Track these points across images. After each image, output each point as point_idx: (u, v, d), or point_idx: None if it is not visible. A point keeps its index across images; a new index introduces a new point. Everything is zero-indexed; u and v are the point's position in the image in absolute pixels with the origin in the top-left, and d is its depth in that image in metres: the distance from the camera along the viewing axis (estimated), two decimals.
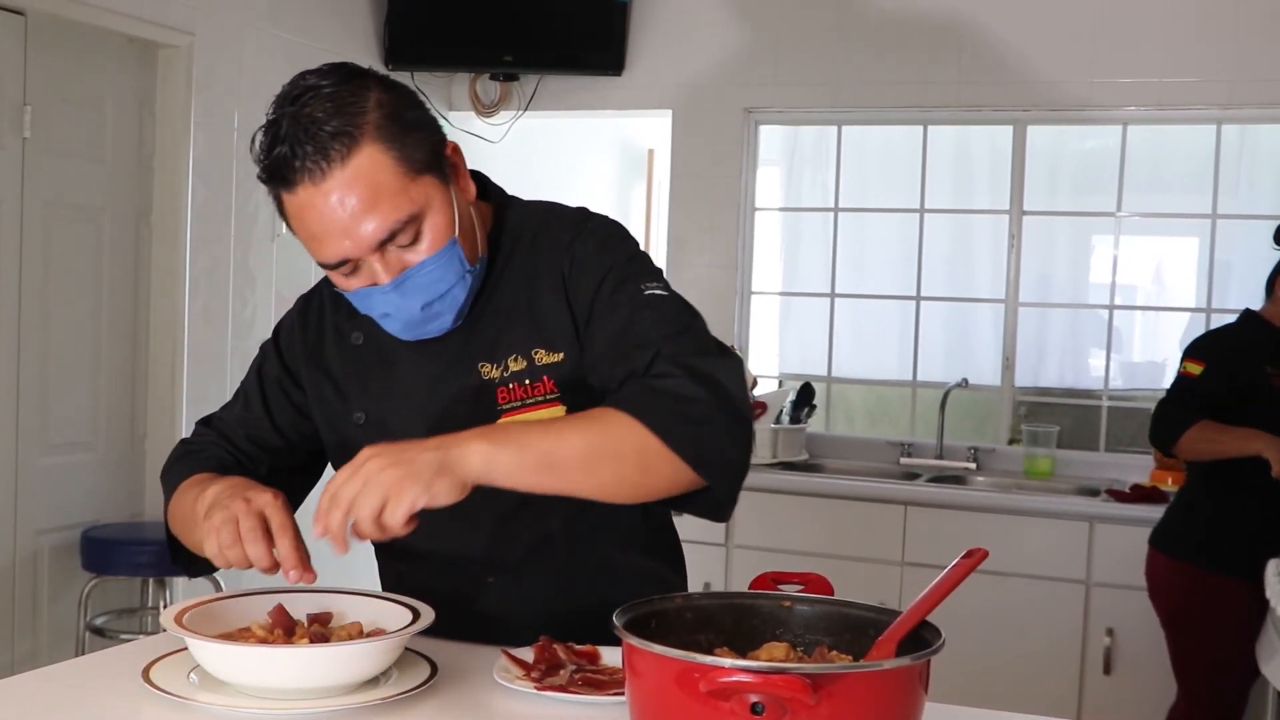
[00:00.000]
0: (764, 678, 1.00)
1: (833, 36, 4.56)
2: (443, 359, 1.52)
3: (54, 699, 1.32)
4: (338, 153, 1.34)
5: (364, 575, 1.66)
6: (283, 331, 1.67)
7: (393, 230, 1.37)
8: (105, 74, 3.74)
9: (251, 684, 1.28)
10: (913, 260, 4.75)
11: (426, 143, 1.40)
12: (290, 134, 1.34)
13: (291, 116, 1.35)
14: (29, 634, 3.60)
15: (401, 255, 1.39)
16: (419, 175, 1.38)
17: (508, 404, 1.48)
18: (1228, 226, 4.44)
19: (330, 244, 1.37)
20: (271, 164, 1.37)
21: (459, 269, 1.43)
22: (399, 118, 1.38)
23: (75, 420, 3.72)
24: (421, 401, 1.52)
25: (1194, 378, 3.28)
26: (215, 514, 1.35)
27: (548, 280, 1.50)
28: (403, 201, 1.36)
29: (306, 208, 1.37)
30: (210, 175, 3.95)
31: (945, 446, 4.54)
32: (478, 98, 5.01)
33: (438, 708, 1.31)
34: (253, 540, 1.32)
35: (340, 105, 1.35)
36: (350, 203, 1.35)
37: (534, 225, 1.55)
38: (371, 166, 1.35)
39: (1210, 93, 4.18)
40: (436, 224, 1.40)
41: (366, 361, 1.58)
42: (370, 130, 1.35)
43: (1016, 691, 3.84)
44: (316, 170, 1.34)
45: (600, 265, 1.48)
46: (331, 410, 1.60)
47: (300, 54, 4.30)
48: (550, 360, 1.48)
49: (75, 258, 3.70)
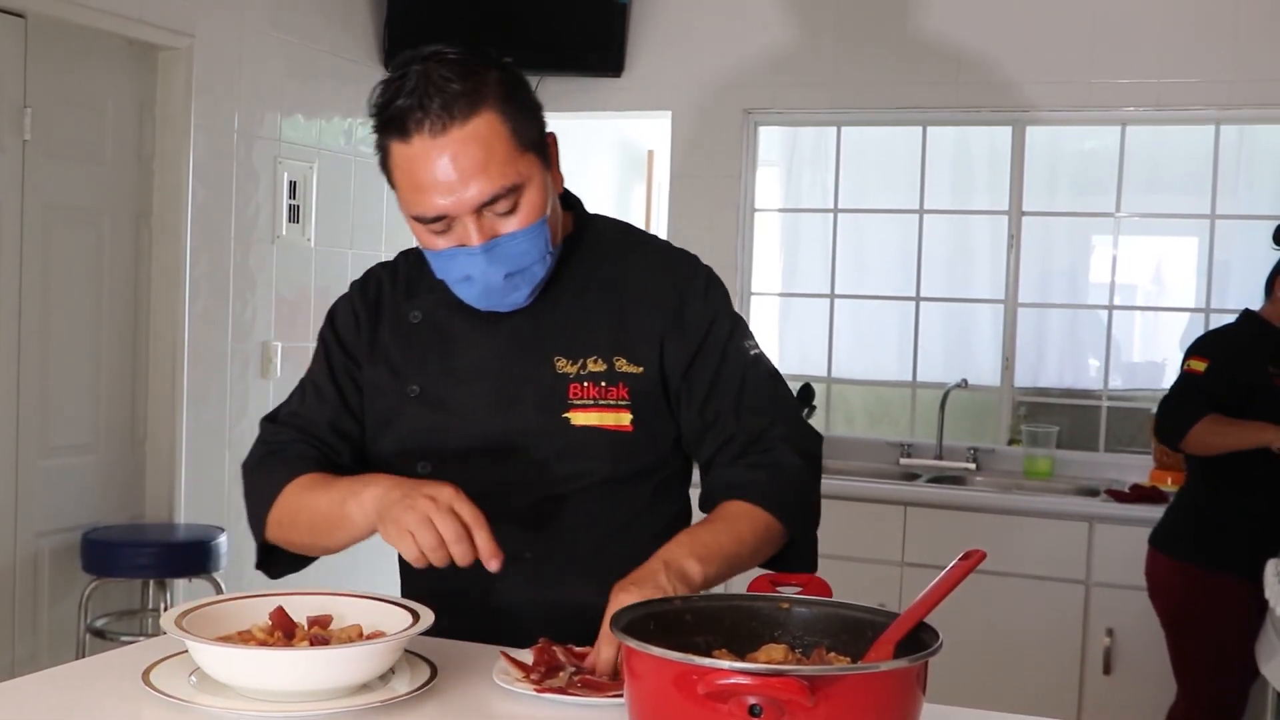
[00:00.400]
0: (761, 680, 1.00)
1: (832, 37, 4.56)
2: (510, 343, 1.56)
3: (54, 701, 1.32)
4: (461, 111, 1.40)
5: (364, 579, 1.67)
6: (338, 317, 1.68)
7: (495, 195, 1.42)
8: (105, 76, 3.74)
9: (252, 686, 1.28)
10: (912, 261, 4.75)
11: (535, 125, 1.48)
12: (417, 88, 1.40)
13: (420, 73, 1.41)
14: (29, 636, 3.60)
15: (495, 222, 1.45)
16: (526, 150, 1.45)
17: (579, 400, 1.54)
18: (1226, 227, 4.45)
19: (433, 197, 1.43)
20: (392, 113, 1.42)
21: (543, 248, 1.49)
22: (516, 95, 1.46)
23: (75, 422, 3.73)
24: (488, 381, 1.56)
25: (1199, 375, 3.28)
26: (403, 516, 1.35)
27: (644, 302, 1.57)
28: (509, 170, 1.43)
29: (419, 159, 1.42)
30: (210, 177, 3.95)
31: (945, 447, 4.54)
32: None
33: (437, 710, 1.31)
34: (457, 540, 1.33)
35: (466, 71, 1.42)
36: (462, 161, 1.41)
37: (623, 243, 1.64)
38: (489, 130, 1.41)
39: (1209, 93, 4.18)
40: (533, 200, 1.46)
41: (425, 339, 1.60)
42: (492, 98, 1.42)
43: (1016, 692, 3.84)
44: (438, 124, 1.40)
45: (710, 309, 1.59)
46: (383, 386, 1.61)
47: (300, 56, 4.30)
48: (630, 370, 1.55)
49: (75, 260, 3.70)
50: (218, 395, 4.03)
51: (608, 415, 1.54)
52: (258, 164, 4.15)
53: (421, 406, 1.58)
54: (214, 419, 4.02)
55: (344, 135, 4.54)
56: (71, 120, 3.64)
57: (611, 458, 1.55)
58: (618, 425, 1.54)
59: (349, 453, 1.63)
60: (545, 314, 1.56)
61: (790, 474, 1.54)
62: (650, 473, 1.59)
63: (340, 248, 4.54)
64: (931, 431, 4.59)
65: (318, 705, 1.27)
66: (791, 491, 1.54)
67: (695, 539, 1.45)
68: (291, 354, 4.33)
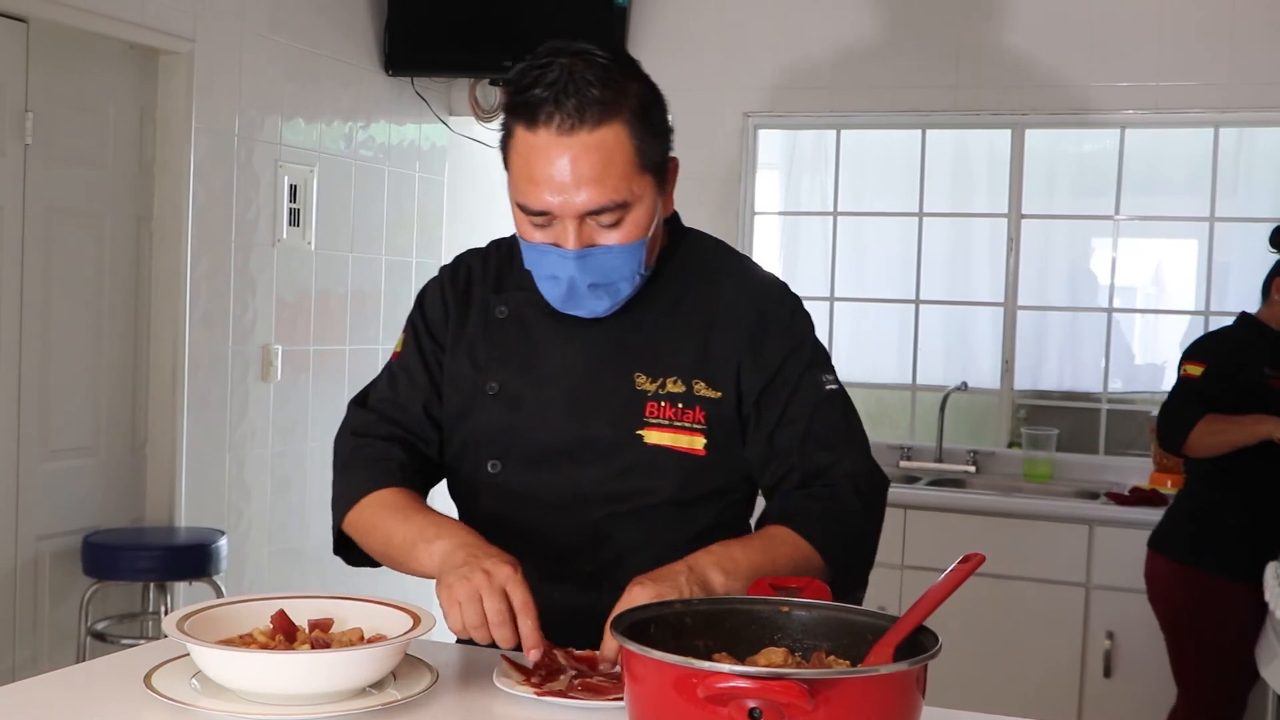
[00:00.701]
0: (761, 683, 1.00)
1: (831, 40, 4.57)
2: (592, 352, 1.56)
3: (56, 704, 1.33)
4: (593, 117, 1.41)
5: (366, 583, 1.67)
6: (427, 302, 1.68)
7: (602, 206, 1.43)
8: (106, 80, 3.75)
9: (253, 690, 1.28)
10: (912, 264, 4.76)
11: (661, 147, 1.49)
12: (558, 82, 1.41)
13: (565, 68, 1.42)
14: (29, 639, 3.60)
15: (595, 232, 1.46)
16: (645, 171, 1.46)
17: (654, 419, 1.54)
18: (1226, 229, 4.45)
19: (541, 192, 1.43)
20: (527, 99, 1.43)
21: (635, 268, 1.50)
22: (650, 115, 1.47)
23: (76, 425, 3.73)
24: (567, 387, 1.56)
25: (1195, 379, 3.29)
26: (456, 586, 1.35)
27: (730, 328, 1.57)
28: (623, 186, 1.44)
29: (539, 151, 1.42)
30: (211, 181, 3.96)
31: (945, 450, 4.54)
32: (477, 103, 5.02)
33: (438, 713, 1.31)
34: (500, 623, 1.33)
35: (610, 79, 1.43)
36: (581, 166, 1.41)
37: (715, 264, 1.63)
38: (615, 143, 1.42)
39: (1208, 96, 4.19)
40: (638, 219, 1.47)
41: (508, 335, 1.60)
42: (627, 111, 1.43)
43: (1017, 695, 3.84)
44: (567, 124, 1.41)
45: (791, 338, 1.59)
46: (463, 378, 1.61)
47: (300, 60, 4.31)
48: (708, 395, 1.55)
49: (76, 263, 3.70)
50: (218, 398, 4.04)
51: (681, 437, 1.54)
52: (258, 167, 4.15)
53: (498, 404, 1.58)
54: (214, 422, 4.02)
55: (344, 139, 4.55)
56: (73, 124, 3.65)
57: (679, 479, 1.54)
58: (690, 448, 1.54)
59: (438, 441, 1.64)
60: (631, 328, 1.56)
61: (844, 513, 1.52)
62: (717, 496, 1.58)
63: (341, 251, 4.55)
64: (931, 434, 4.60)
65: (319, 708, 1.27)
66: (840, 529, 1.51)
67: (726, 551, 1.43)
68: (292, 357, 4.33)
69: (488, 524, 1.58)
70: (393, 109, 4.78)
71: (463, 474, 1.64)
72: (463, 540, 1.43)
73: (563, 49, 1.45)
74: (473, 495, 1.63)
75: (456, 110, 5.07)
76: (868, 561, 1.57)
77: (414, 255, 4.95)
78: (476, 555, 1.38)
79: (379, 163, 4.73)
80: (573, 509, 1.54)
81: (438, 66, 4.80)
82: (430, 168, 5.03)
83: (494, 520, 1.58)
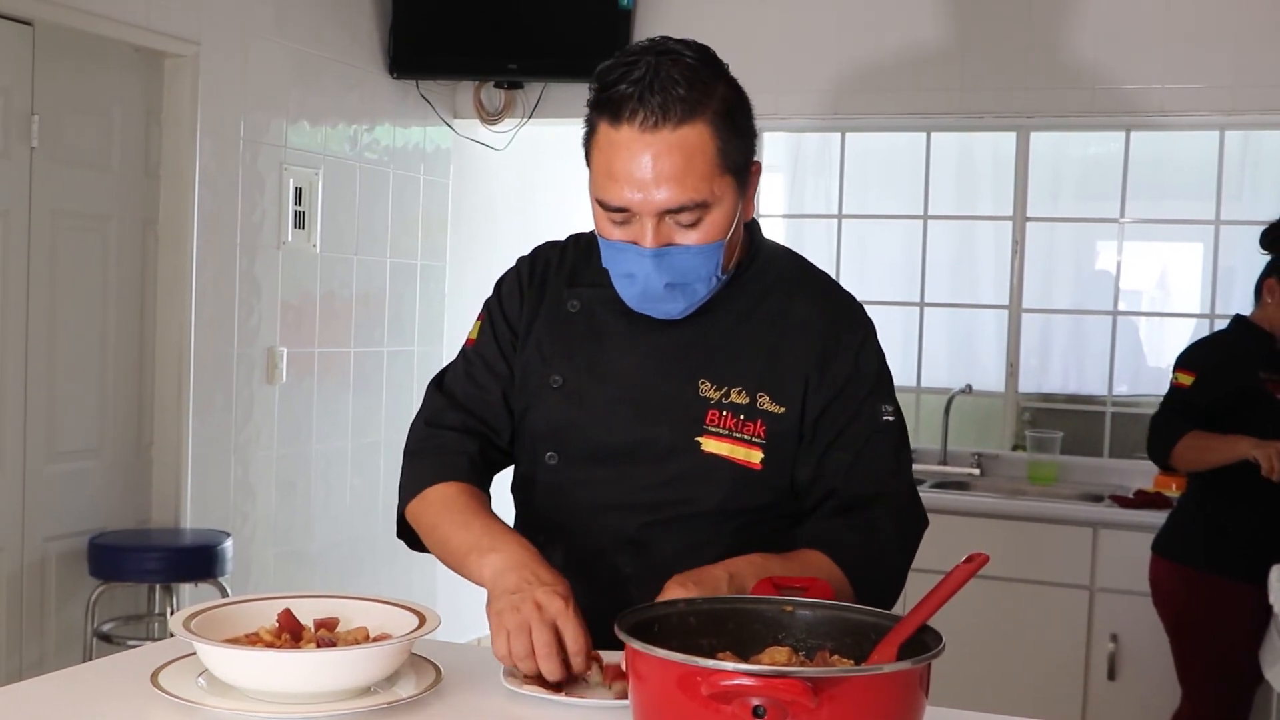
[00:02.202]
0: (765, 681, 1.01)
1: (835, 42, 4.57)
2: (659, 355, 1.56)
3: (63, 702, 1.33)
4: (676, 115, 1.41)
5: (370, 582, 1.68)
6: (504, 290, 1.69)
7: (682, 205, 1.43)
8: (112, 83, 3.76)
9: (259, 688, 1.29)
10: (916, 266, 4.76)
11: (743, 150, 1.48)
12: (645, 79, 1.41)
13: (652, 65, 1.42)
14: (36, 640, 3.61)
15: (674, 231, 1.46)
16: (726, 172, 1.45)
17: (714, 427, 1.53)
18: (1231, 232, 4.45)
19: (622, 189, 1.43)
20: (612, 95, 1.43)
21: (712, 270, 1.49)
22: (734, 117, 1.46)
23: (82, 428, 3.74)
24: (630, 387, 1.56)
25: (1186, 389, 3.29)
26: (506, 614, 1.35)
27: (801, 344, 1.56)
28: (703, 186, 1.43)
29: (621, 148, 1.43)
30: (216, 184, 3.97)
31: (949, 452, 4.54)
32: (482, 106, 5.02)
33: (443, 712, 1.32)
34: (547, 656, 1.33)
35: (695, 79, 1.43)
36: (662, 164, 1.41)
37: (791, 277, 1.62)
38: (697, 142, 1.42)
39: (1213, 99, 4.18)
40: (717, 221, 1.46)
41: (577, 330, 1.61)
42: (711, 113, 1.43)
43: (1021, 696, 3.84)
44: (650, 121, 1.41)
45: (859, 363, 1.57)
46: (530, 370, 1.62)
47: (306, 63, 4.32)
48: (772, 410, 1.54)
49: (82, 266, 3.71)
50: (223, 401, 4.04)
51: (739, 449, 1.53)
52: (263, 170, 4.16)
53: (560, 398, 1.58)
54: (220, 424, 4.03)
55: (349, 141, 4.56)
56: (78, 127, 3.66)
57: (730, 490, 1.53)
58: (747, 461, 1.53)
59: (509, 430, 1.64)
60: (701, 334, 1.56)
61: (881, 548, 1.52)
62: (765, 510, 1.57)
63: (345, 254, 4.56)
64: (936, 437, 4.60)
65: (324, 707, 1.28)
66: (876, 566, 1.51)
67: (767, 563, 1.43)
68: (297, 360, 4.34)
69: (537, 514, 1.61)
70: (397, 112, 4.79)
71: (522, 462, 1.65)
72: (516, 560, 1.42)
73: (650, 47, 1.46)
74: (528, 484, 1.64)
75: (461, 113, 5.08)
76: (894, 599, 1.56)
77: (418, 258, 4.96)
78: (529, 582, 1.38)
79: (384, 165, 4.74)
80: (622, 509, 1.54)
81: (442, 69, 4.81)
82: (435, 170, 5.03)
83: (543, 512, 1.60)
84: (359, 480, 4.64)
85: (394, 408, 4.81)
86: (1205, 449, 3.21)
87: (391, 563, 4.62)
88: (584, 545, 1.57)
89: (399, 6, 4.66)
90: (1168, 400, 3.33)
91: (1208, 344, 3.48)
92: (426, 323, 5.03)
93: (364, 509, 4.65)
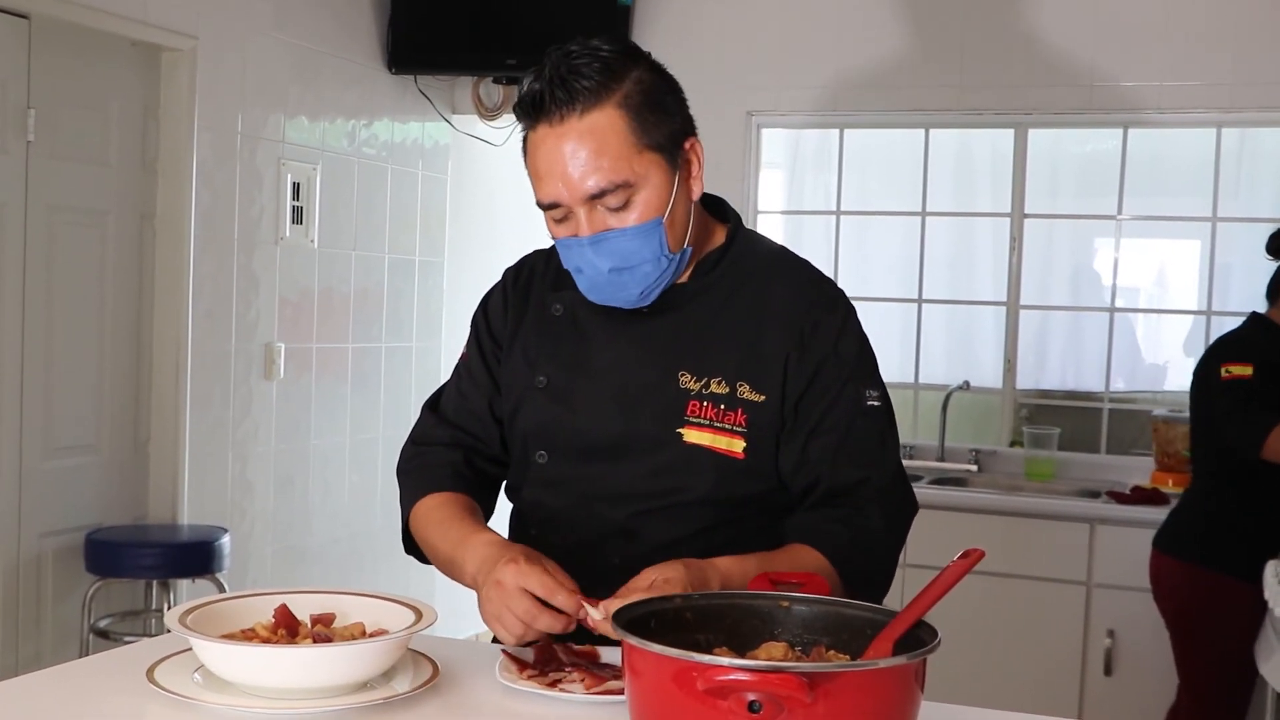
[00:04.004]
0: (761, 676, 1.01)
1: (834, 40, 4.57)
2: (639, 349, 1.58)
3: (59, 698, 1.33)
4: (581, 104, 1.45)
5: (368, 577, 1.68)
6: (490, 303, 1.72)
7: (604, 189, 1.46)
8: (109, 77, 3.75)
9: (255, 684, 1.29)
10: (914, 263, 4.76)
11: (666, 126, 1.50)
12: (549, 77, 1.46)
13: (555, 62, 1.48)
14: (33, 636, 3.61)
15: (607, 217, 1.48)
16: (647, 149, 1.48)
17: (695, 418, 1.55)
18: (1228, 229, 4.45)
19: (549, 185, 1.48)
20: (525, 99, 1.49)
21: (656, 250, 1.50)
22: (650, 96, 1.49)
23: (79, 423, 3.73)
24: (612, 383, 1.58)
25: (1249, 379, 3.18)
26: (484, 608, 1.42)
27: (779, 329, 1.56)
28: (622, 166, 1.46)
29: (539, 146, 1.48)
30: (214, 178, 3.96)
31: (947, 449, 4.55)
32: (480, 101, 5.02)
33: (439, 707, 1.32)
34: (532, 619, 1.37)
35: (604, 68, 1.47)
36: (579, 153, 1.45)
37: (769, 266, 1.63)
38: (606, 126, 1.45)
39: (1211, 96, 4.19)
40: (648, 200, 1.49)
41: (562, 332, 1.63)
42: (619, 96, 1.46)
43: (1018, 691, 3.85)
44: (557, 114, 1.46)
45: (839, 347, 1.57)
46: (516, 374, 1.65)
47: (303, 58, 4.31)
48: (752, 399, 1.54)
49: (79, 261, 3.71)
50: (221, 396, 4.04)
51: (720, 438, 1.53)
52: (261, 165, 4.16)
53: (546, 397, 1.61)
54: (217, 420, 4.03)
55: (347, 137, 4.55)
56: (75, 121, 3.65)
57: (714, 480, 1.54)
58: (729, 450, 1.54)
59: (500, 438, 1.68)
60: (680, 326, 1.57)
61: (870, 537, 1.52)
62: (753, 500, 1.57)
63: (343, 249, 4.55)
64: (934, 433, 4.60)
65: (321, 703, 1.28)
66: (865, 556, 1.51)
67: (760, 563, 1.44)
68: (295, 355, 4.34)
69: (529, 511, 1.64)
70: (396, 107, 4.79)
71: (515, 464, 1.68)
72: (481, 556, 1.47)
73: (564, 48, 1.49)
74: (520, 483, 1.67)
75: (460, 108, 5.07)
76: (886, 586, 1.57)
77: (417, 254, 4.96)
78: (489, 572, 1.42)
79: (382, 161, 4.73)
80: (609, 502, 1.56)
81: (441, 65, 4.80)
82: (433, 166, 5.03)
83: (535, 507, 1.63)
84: (357, 476, 4.64)
85: (392, 403, 4.81)
86: None
87: (390, 558, 4.62)
88: (573, 538, 1.58)
89: (397, 2, 4.66)
90: (1232, 394, 3.19)
91: (1244, 338, 3.34)
92: (425, 318, 5.03)
93: (362, 505, 4.65)
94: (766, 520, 1.58)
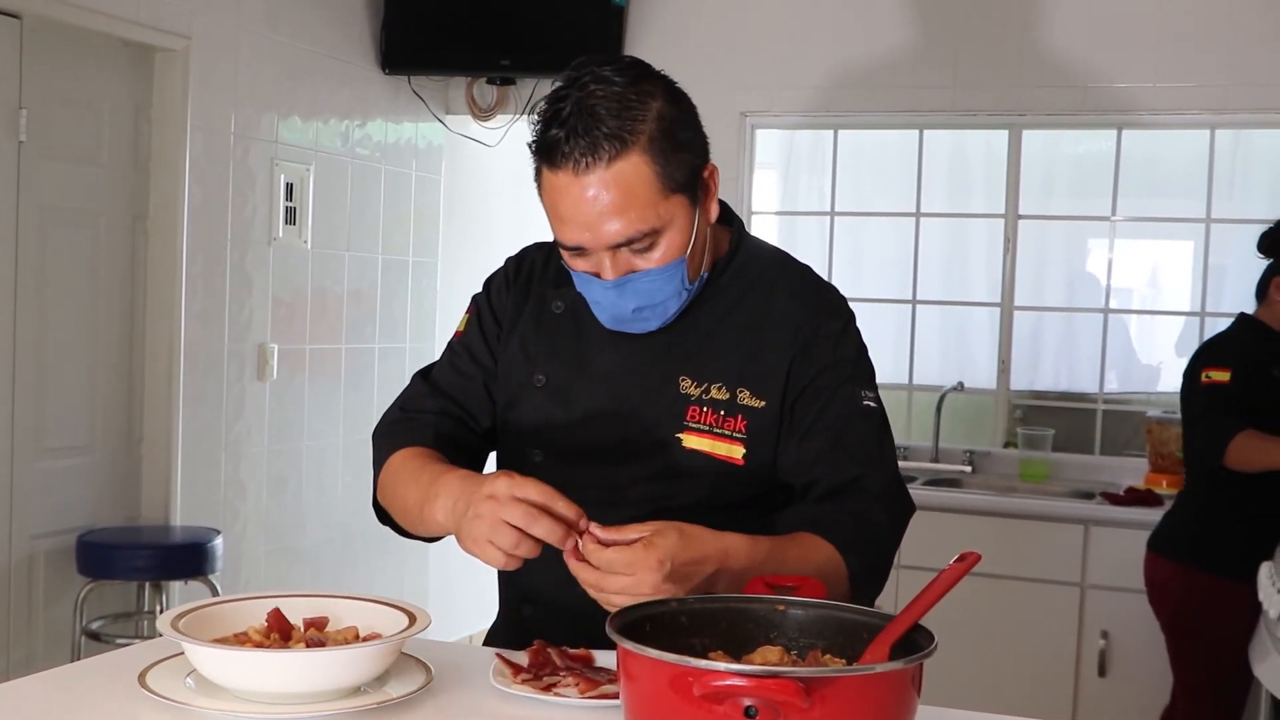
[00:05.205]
0: (757, 681, 1.00)
1: (828, 40, 4.57)
2: (641, 353, 1.57)
3: (50, 703, 1.32)
4: (606, 152, 1.40)
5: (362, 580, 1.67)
6: (493, 286, 1.71)
7: (632, 238, 1.44)
8: (101, 78, 3.74)
9: (248, 688, 1.28)
10: (909, 264, 4.76)
11: (689, 164, 1.47)
12: (570, 120, 1.40)
13: (576, 102, 1.41)
14: (24, 639, 3.59)
15: (632, 259, 1.46)
16: (672, 194, 1.45)
17: (695, 423, 1.54)
18: (1222, 230, 4.46)
19: (572, 230, 1.44)
20: (544, 142, 1.43)
21: (678, 285, 1.50)
22: (672, 135, 1.45)
23: (71, 424, 3.72)
24: (612, 386, 1.57)
25: (1226, 385, 3.20)
26: (474, 528, 1.33)
27: (781, 335, 1.56)
28: (650, 214, 1.43)
29: (562, 191, 1.43)
30: (206, 178, 3.95)
31: (941, 450, 4.55)
32: (474, 102, 5.02)
33: (433, 712, 1.31)
34: (532, 521, 1.30)
35: (624, 106, 1.41)
36: (603, 200, 1.41)
37: (771, 272, 1.63)
38: (633, 174, 1.41)
39: (1204, 97, 4.19)
40: (673, 240, 1.47)
41: (562, 329, 1.62)
42: (643, 140, 1.42)
43: (1012, 694, 3.85)
44: (582, 162, 1.40)
45: (837, 350, 1.57)
46: (514, 368, 1.63)
47: (296, 58, 4.30)
48: (752, 404, 1.54)
49: (71, 261, 3.70)
50: (214, 397, 4.03)
51: (720, 444, 1.53)
52: (254, 166, 4.15)
53: (544, 397, 1.60)
54: (210, 420, 4.02)
55: (340, 137, 4.54)
56: (67, 122, 3.64)
57: (712, 486, 1.54)
58: (729, 456, 1.53)
59: (490, 417, 1.66)
60: (683, 333, 1.57)
61: (873, 528, 1.50)
62: (751, 505, 1.56)
63: (337, 250, 4.54)
64: (927, 434, 4.60)
65: (314, 707, 1.27)
66: (869, 544, 1.49)
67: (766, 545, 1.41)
68: (288, 356, 4.33)
69: None
70: (389, 107, 4.78)
71: (507, 461, 1.66)
72: (460, 490, 1.40)
73: (575, 79, 1.43)
74: None
75: (453, 109, 5.07)
76: (883, 582, 1.56)
77: (410, 254, 4.95)
78: (475, 494, 1.36)
79: (375, 161, 4.73)
80: (605, 506, 1.52)
81: (435, 65, 4.80)
82: (427, 166, 5.02)
83: None
84: (350, 477, 4.63)
85: (386, 404, 4.76)
86: (1265, 450, 3.11)
87: (384, 559, 4.62)
88: None
89: (391, 2, 4.65)
90: (1208, 400, 3.22)
91: (1227, 340, 3.38)
92: (418, 319, 5.02)
93: (355, 506, 4.64)
94: (763, 520, 1.58)
